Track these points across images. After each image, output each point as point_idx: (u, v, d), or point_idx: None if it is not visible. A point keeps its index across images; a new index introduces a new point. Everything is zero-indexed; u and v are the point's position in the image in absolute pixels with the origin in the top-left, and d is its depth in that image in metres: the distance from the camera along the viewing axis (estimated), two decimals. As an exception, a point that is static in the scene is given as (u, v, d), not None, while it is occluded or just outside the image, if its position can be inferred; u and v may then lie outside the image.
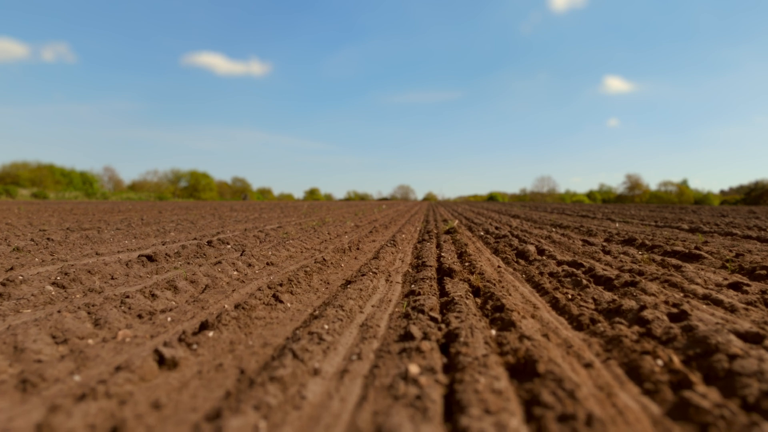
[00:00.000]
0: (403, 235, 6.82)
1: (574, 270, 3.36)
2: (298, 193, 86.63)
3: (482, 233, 7.10)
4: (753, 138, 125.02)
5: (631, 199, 65.00)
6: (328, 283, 3.27)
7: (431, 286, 2.97)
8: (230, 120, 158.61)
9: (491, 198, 78.25)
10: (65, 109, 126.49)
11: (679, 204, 46.53)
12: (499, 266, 3.92)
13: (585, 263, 3.63)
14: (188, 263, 3.98)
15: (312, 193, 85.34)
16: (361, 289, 2.83)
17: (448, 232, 6.51)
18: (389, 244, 5.31)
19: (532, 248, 4.37)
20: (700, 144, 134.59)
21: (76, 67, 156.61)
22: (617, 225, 9.13)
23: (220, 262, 3.67)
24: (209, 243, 5.15)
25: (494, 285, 2.93)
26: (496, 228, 7.85)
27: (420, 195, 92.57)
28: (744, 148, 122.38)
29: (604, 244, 5.44)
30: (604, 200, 68.14)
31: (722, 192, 70.10)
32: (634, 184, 68.16)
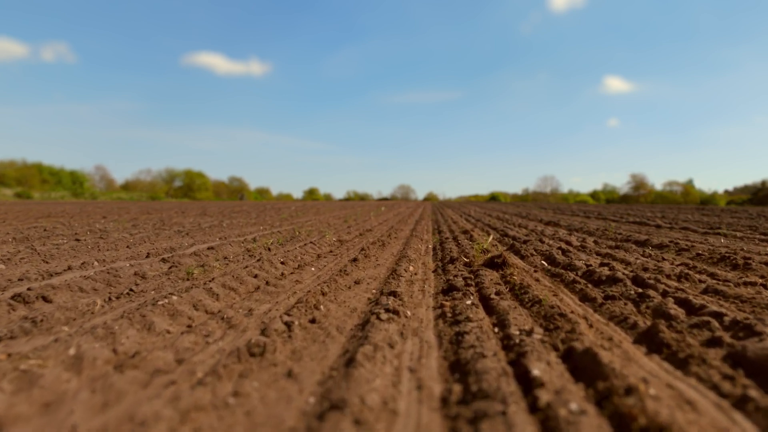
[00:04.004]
0: (411, 267, 3.94)
1: None
2: (298, 193, 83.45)
3: (545, 263, 4.19)
4: (753, 138, 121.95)
5: (636, 200, 61.86)
6: None
7: None
8: (230, 120, 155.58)
9: (493, 198, 75.17)
10: (65, 109, 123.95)
11: (685, 204, 43.44)
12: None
13: None
14: None
15: (311, 193, 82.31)
16: None
17: (491, 265, 3.60)
18: (384, 308, 2.41)
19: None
20: (700, 144, 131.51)
21: (75, 67, 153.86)
22: (723, 240, 6.22)
23: None
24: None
25: None
26: (561, 251, 4.91)
27: (420, 195, 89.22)
28: (744, 148, 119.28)
29: None
30: (608, 200, 65.07)
31: (726, 192, 67.05)
32: (639, 184, 65.16)
